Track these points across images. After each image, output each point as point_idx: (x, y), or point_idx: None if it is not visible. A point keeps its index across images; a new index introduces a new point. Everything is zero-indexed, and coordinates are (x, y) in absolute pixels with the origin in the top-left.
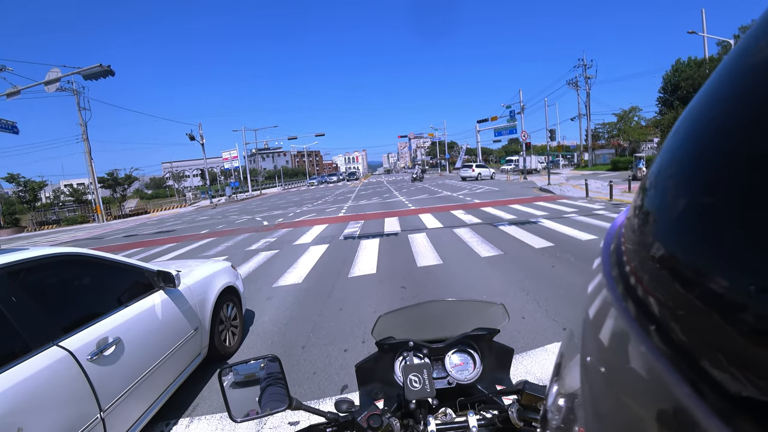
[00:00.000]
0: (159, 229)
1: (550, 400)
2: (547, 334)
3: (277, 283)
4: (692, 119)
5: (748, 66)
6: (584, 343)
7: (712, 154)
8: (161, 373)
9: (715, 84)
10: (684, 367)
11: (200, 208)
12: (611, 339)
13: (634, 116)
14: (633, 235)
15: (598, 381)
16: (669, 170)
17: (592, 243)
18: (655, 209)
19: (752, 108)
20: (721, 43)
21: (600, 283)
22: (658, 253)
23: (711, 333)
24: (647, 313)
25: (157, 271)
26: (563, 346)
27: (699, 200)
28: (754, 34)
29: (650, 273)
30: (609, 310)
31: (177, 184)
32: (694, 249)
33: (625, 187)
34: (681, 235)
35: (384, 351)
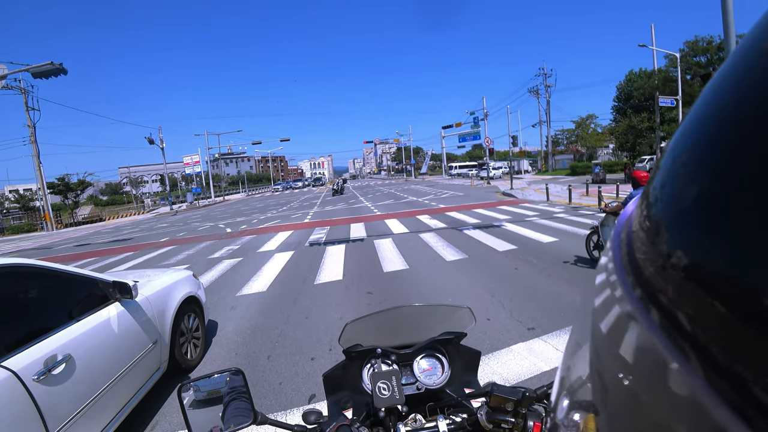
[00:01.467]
0: (115, 237)
1: (561, 414)
2: (512, 334)
3: (241, 292)
4: (702, 111)
5: (757, 57)
6: (597, 357)
7: (729, 141)
8: (117, 391)
9: (724, 77)
10: (726, 390)
11: (160, 215)
12: (636, 355)
13: (590, 123)
14: (645, 239)
15: (622, 399)
16: (680, 162)
17: (553, 245)
18: (669, 206)
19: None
20: (669, 56)
21: (611, 294)
22: (681, 261)
23: (757, 351)
24: (676, 325)
25: (112, 281)
26: (568, 357)
27: None
28: (758, 31)
29: (673, 282)
30: (629, 322)
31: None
32: (723, 255)
33: (584, 191)
34: (704, 237)
35: (351, 359)
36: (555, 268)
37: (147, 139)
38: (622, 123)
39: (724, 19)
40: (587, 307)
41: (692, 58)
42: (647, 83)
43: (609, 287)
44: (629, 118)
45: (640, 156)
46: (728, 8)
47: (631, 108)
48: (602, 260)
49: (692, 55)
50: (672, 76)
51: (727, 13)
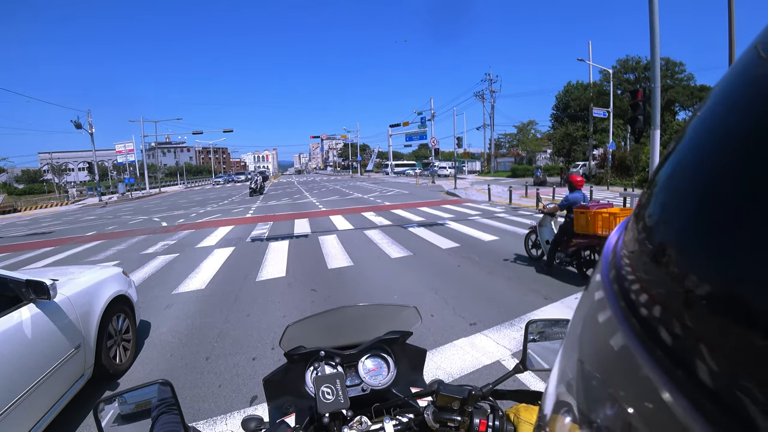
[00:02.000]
0: (32, 230)
1: (559, 427)
2: (455, 330)
3: (177, 290)
4: (697, 137)
5: (749, 79)
6: (597, 379)
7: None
8: (32, 402)
9: (718, 101)
10: (702, 402)
11: (87, 206)
12: (635, 381)
13: (531, 129)
14: (647, 262)
15: (621, 423)
16: (683, 187)
17: (494, 243)
18: (663, 219)
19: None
20: (603, 72)
21: (610, 316)
22: (691, 284)
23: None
24: (659, 342)
25: (25, 280)
26: (562, 372)
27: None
28: (749, 52)
29: (673, 302)
30: (627, 352)
31: (57, 178)
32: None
33: (523, 192)
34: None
35: (294, 362)
36: (496, 266)
37: (73, 122)
38: (560, 130)
39: (651, 42)
40: (578, 321)
41: (623, 75)
42: (583, 95)
43: (607, 307)
44: (566, 126)
45: (574, 161)
46: (655, 34)
47: (568, 117)
48: (596, 277)
49: (623, 72)
50: (605, 90)
51: (654, 37)
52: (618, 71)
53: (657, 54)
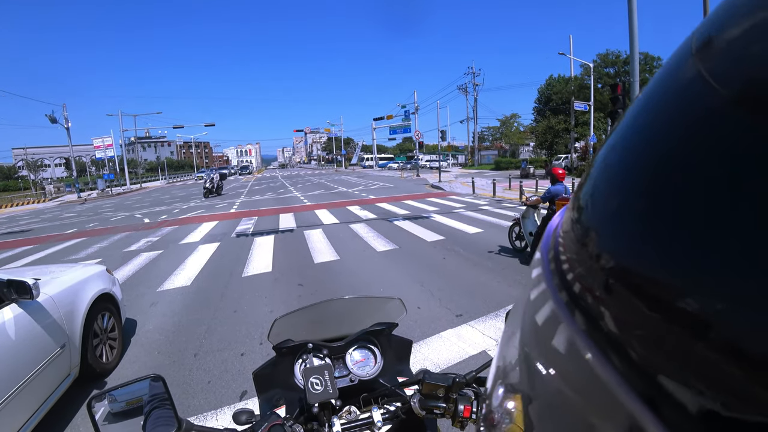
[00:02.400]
0: (8, 228)
1: (496, 402)
2: (442, 321)
3: (163, 287)
4: (628, 128)
5: (677, 81)
6: (528, 349)
7: (648, 160)
8: (18, 404)
9: (649, 96)
10: (638, 382)
11: (65, 203)
12: (561, 349)
13: (514, 122)
14: (574, 241)
15: (548, 390)
16: (609, 174)
17: (479, 236)
18: (597, 217)
19: (680, 118)
20: (584, 66)
21: (544, 290)
22: (607, 264)
23: (669, 346)
24: (595, 322)
25: (6, 280)
26: (503, 347)
27: (647, 205)
28: (680, 55)
29: (597, 282)
30: (556, 317)
31: (33, 174)
32: (646, 260)
33: (507, 185)
34: (630, 243)
35: (282, 355)
36: (480, 258)
37: (48, 117)
38: (542, 123)
39: (630, 37)
40: (522, 299)
41: (603, 69)
42: (565, 88)
43: (541, 282)
44: (548, 120)
45: (556, 154)
46: (634, 29)
47: (550, 110)
48: (537, 255)
49: (603, 66)
50: (586, 84)
51: (633, 32)
52: (598, 65)
53: (636, 49)
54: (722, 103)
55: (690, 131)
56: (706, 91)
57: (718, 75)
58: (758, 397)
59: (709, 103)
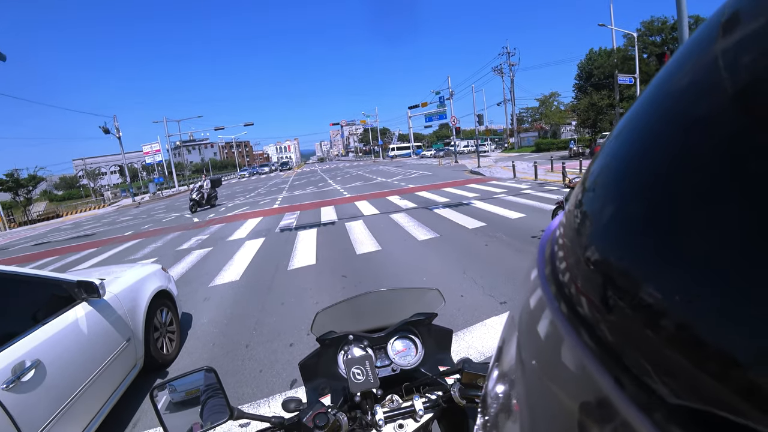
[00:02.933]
0: (75, 233)
1: (491, 384)
2: (485, 309)
3: (214, 282)
4: (625, 133)
5: (693, 63)
6: (520, 333)
7: (639, 168)
8: (94, 392)
9: (646, 100)
10: (610, 364)
11: (122, 207)
12: (546, 334)
13: (553, 101)
14: (567, 235)
15: (531, 372)
16: (603, 177)
17: (521, 221)
18: (589, 212)
19: (674, 129)
20: (626, 36)
21: (536, 279)
22: (592, 257)
23: (636, 335)
24: (577, 312)
25: (77, 281)
26: (504, 331)
27: (629, 208)
28: (677, 61)
29: (583, 274)
30: (544, 307)
31: (92, 182)
32: (622, 256)
33: (548, 167)
34: (610, 240)
35: (325, 346)
36: (524, 244)
37: (102, 128)
38: (584, 100)
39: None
40: (525, 284)
41: (648, 38)
42: (607, 62)
43: (533, 275)
44: (590, 96)
45: (601, 132)
46: None
47: (592, 86)
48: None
49: (648, 35)
50: (630, 55)
51: None
52: (643, 34)
53: (684, 12)
54: (725, 101)
55: (687, 133)
56: (715, 82)
57: (730, 62)
58: (702, 385)
59: (713, 101)
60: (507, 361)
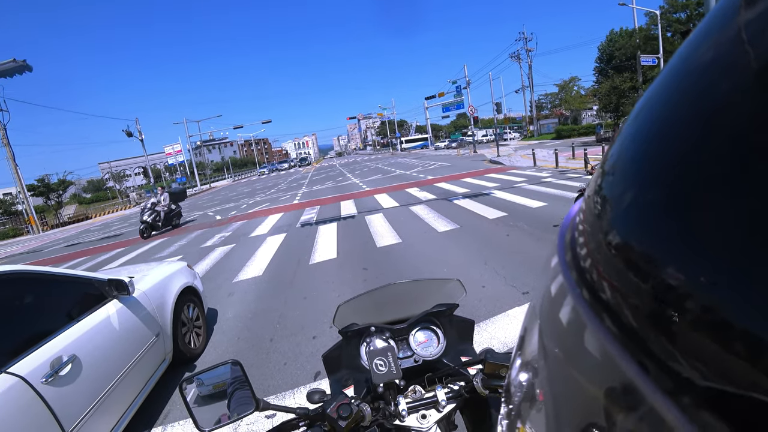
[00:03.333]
0: (104, 234)
1: (514, 373)
2: (507, 300)
3: (237, 278)
4: (643, 115)
5: (714, 40)
6: (542, 321)
7: (660, 151)
8: (126, 385)
9: (665, 80)
10: (634, 349)
11: None
12: (568, 321)
13: (573, 86)
14: (588, 220)
15: (554, 360)
16: (623, 161)
17: (542, 210)
18: (609, 197)
19: (695, 109)
20: (649, 14)
21: (557, 265)
22: (613, 241)
23: (660, 320)
24: (599, 298)
25: (107, 279)
26: (526, 320)
27: (650, 192)
28: (697, 38)
29: (604, 260)
30: (566, 293)
31: (118, 184)
32: (645, 240)
33: (569, 155)
34: (632, 224)
35: (348, 338)
36: (545, 233)
37: (125, 131)
38: (605, 84)
39: None
40: (545, 272)
41: (672, 15)
42: (628, 42)
43: (553, 264)
44: (611, 79)
45: (624, 116)
46: None
47: (613, 68)
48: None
49: (672, 12)
50: (653, 35)
51: None
52: (666, 11)
53: None
54: (749, 78)
55: (709, 113)
56: (738, 58)
57: (754, 36)
58: (727, 366)
59: (736, 79)
60: (529, 349)
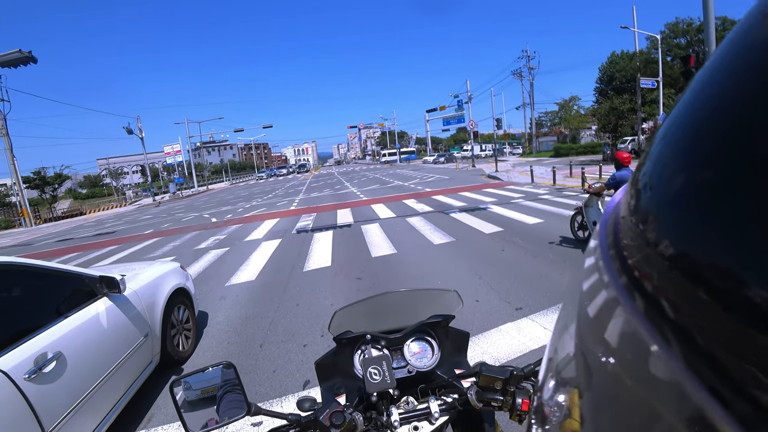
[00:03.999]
0: (98, 231)
1: (547, 395)
2: (501, 315)
3: (230, 282)
4: (693, 100)
5: (748, 44)
6: (583, 340)
7: (715, 131)
8: (111, 386)
9: (716, 64)
10: (705, 373)
11: (142, 206)
12: (620, 339)
13: (573, 105)
14: (633, 226)
15: (606, 382)
16: (669, 150)
17: (539, 226)
18: (657, 194)
19: (752, 85)
20: (650, 38)
21: (599, 278)
22: (668, 250)
23: (739, 340)
24: (659, 312)
25: (99, 276)
26: (555, 339)
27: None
28: (753, 14)
29: (659, 270)
30: (615, 307)
31: (115, 181)
32: (709, 244)
33: (567, 172)
34: (691, 226)
35: (342, 346)
36: (541, 249)
37: (125, 129)
38: (605, 104)
39: (704, 1)
40: (575, 290)
41: (672, 40)
42: (629, 65)
43: (596, 272)
44: (611, 100)
45: (622, 137)
46: None
47: (613, 90)
48: (591, 244)
49: (672, 37)
50: (653, 58)
51: None
52: (667, 36)
53: (711, 13)
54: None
55: (760, 97)
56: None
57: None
58: None
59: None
60: (565, 368)
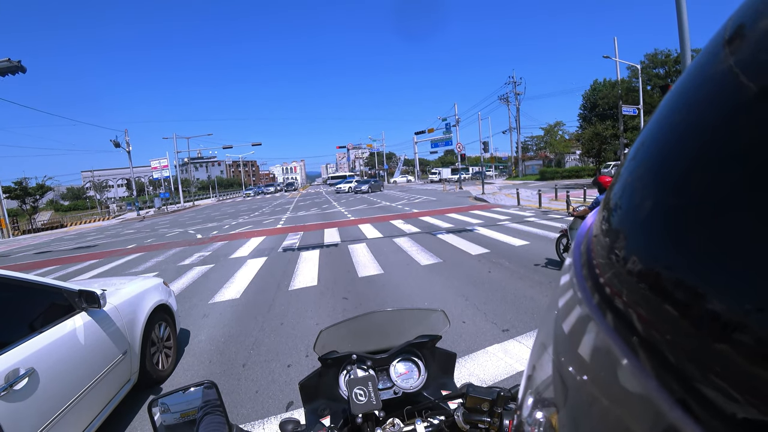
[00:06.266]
0: (78, 244)
1: (526, 413)
2: (487, 336)
3: (214, 299)
4: (659, 124)
5: (709, 76)
6: (559, 357)
7: (679, 157)
8: (86, 405)
9: (680, 91)
10: (675, 388)
11: (126, 220)
12: (593, 355)
13: (558, 130)
14: (604, 244)
15: (581, 398)
16: (638, 172)
17: (524, 248)
18: (626, 208)
19: (711, 115)
20: (631, 68)
21: (574, 296)
22: (636, 267)
23: (705, 353)
24: (629, 327)
25: (78, 290)
26: (534, 357)
27: (672, 211)
28: (715, 43)
29: (628, 286)
30: (587, 324)
31: (99, 194)
32: (678, 263)
33: (552, 196)
34: (657, 244)
35: (327, 366)
36: (527, 271)
37: (112, 142)
38: (588, 130)
39: (680, 35)
40: (552, 307)
41: (652, 70)
42: (611, 93)
43: (571, 288)
44: (595, 126)
45: (605, 162)
46: (684, 25)
47: (597, 116)
48: (566, 261)
49: (652, 67)
50: (634, 87)
51: (683, 29)
52: (647, 66)
53: (687, 46)
54: (750, 98)
55: (718, 128)
56: (735, 85)
57: (746, 68)
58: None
59: (737, 99)
60: (543, 385)
